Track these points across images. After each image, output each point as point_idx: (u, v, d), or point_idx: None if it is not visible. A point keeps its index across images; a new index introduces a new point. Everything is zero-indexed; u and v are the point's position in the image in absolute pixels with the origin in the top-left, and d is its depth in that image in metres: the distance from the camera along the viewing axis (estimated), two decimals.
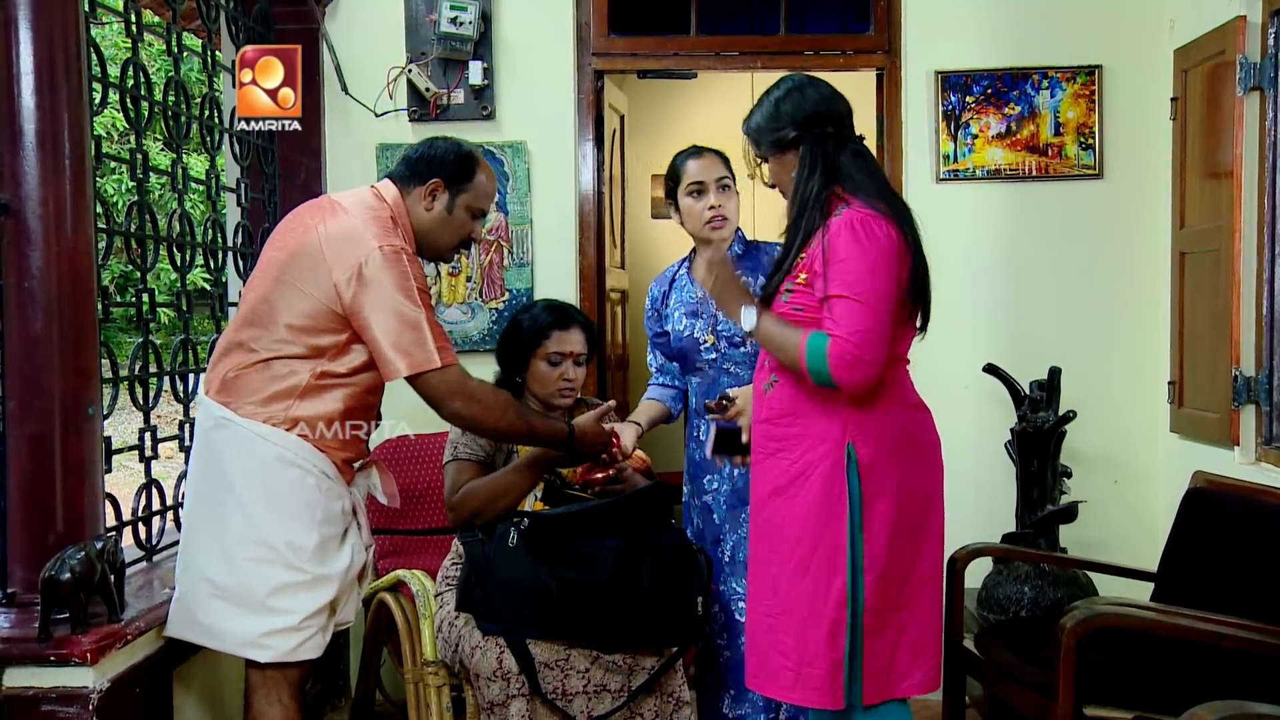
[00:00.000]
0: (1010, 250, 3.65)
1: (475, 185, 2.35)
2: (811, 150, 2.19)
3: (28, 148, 2.09)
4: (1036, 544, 3.24)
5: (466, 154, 2.36)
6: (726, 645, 2.70)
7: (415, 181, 2.32)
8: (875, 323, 2.05)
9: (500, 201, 3.62)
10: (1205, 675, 2.40)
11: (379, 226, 2.19)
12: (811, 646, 2.10)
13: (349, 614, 2.35)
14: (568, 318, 2.76)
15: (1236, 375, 3.07)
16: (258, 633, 2.15)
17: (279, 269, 2.19)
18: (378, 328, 2.13)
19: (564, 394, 2.72)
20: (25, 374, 2.10)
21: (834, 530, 2.10)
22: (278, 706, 2.21)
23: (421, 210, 2.32)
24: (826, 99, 2.23)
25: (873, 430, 2.12)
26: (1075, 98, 3.62)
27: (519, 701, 2.39)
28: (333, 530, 2.23)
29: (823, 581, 2.10)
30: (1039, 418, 3.28)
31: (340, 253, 2.14)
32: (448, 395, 2.20)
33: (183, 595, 2.22)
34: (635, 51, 3.78)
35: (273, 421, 2.15)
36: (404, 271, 2.15)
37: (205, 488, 2.21)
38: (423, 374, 2.16)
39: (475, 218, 2.38)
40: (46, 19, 2.11)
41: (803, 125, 2.20)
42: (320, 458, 2.19)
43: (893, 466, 2.13)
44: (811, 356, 2.06)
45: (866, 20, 3.79)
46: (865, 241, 2.07)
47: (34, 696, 2.04)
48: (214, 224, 3.15)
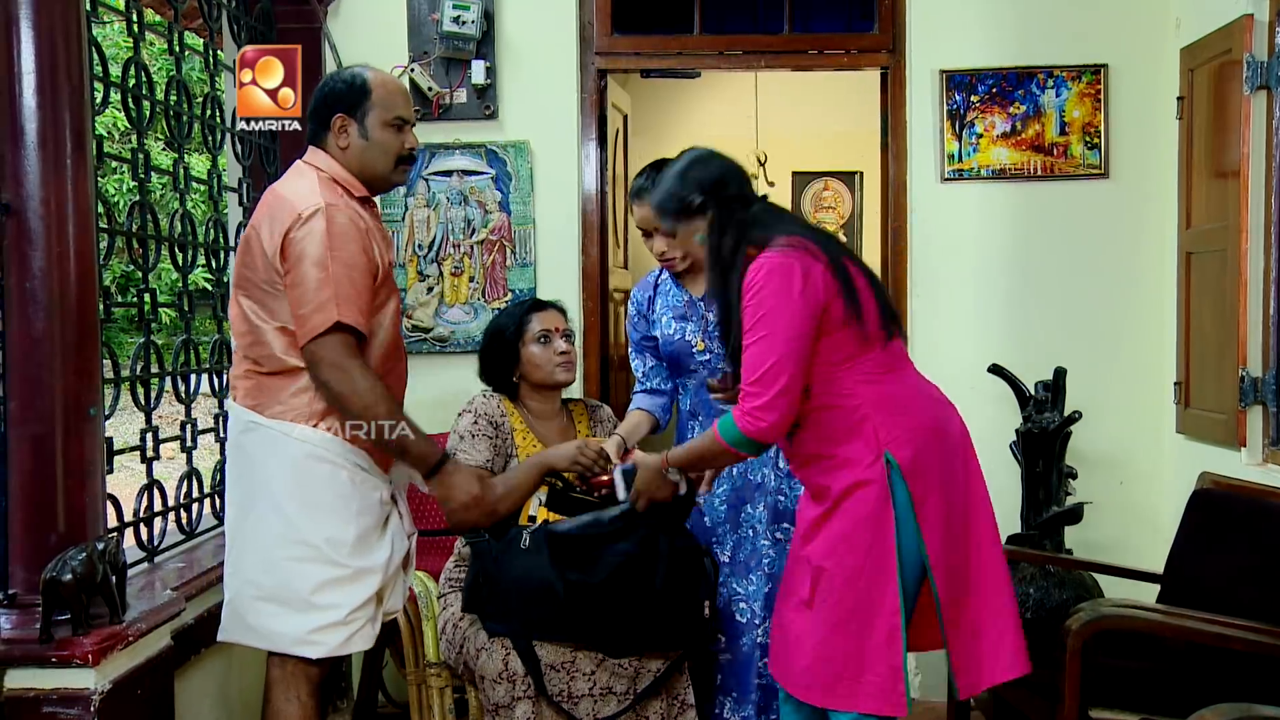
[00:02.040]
0: (1015, 250, 3.64)
1: (375, 99, 2.25)
2: (719, 213, 2.25)
3: (29, 147, 2.08)
4: (1042, 545, 3.23)
5: (351, 76, 2.28)
6: (725, 648, 2.69)
7: (323, 129, 2.27)
8: (775, 359, 2.08)
9: (503, 201, 3.61)
10: (1212, 677, 2.39)
11: (307, 190, 2.15)
12: (869, 654, 2.10)
13: (397, 602, 2.34)
14: (540, 302, 2.87)
15: (1243, 376, 3.06)
16: (306, 630, 2.15)
17: (236, 276, 2.21)
18: (293, 288, 2.11)
19: (563, 367, 2.77)
20: (27, 374, 2.09)
21: (882, 537, 2.10)
22: (296, 704, 2.20)
23: (340, 151, 2.25)
24: (728, 166, 2.32)
25: (904, 432, 2.13)
26: (1081, 97, 3.60)
27: (524, 704, 2.39)
28: (371, 521, 2.21)
29: (876, 589, 2.10)
30: (1044, 418, 3.27)
31: (271, 229, 2.14)
32: (325, 362, 2.09)
33: (232, 599, 2.22)
34: (639, 50, 3.77)
35: (298, 419, 2.15)
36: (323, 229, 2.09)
37: (242, 492, 2.22)
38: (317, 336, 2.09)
39: (399, 128, 2.28)
40: (48, 18, 2.09)
41: (709, 190, 2.27)
42: (352, 450, 2.18)
43: (934, 462, 2.14)
44: (726, 433, 2.15)
45: (871, 19, 3.78)
46: (763, 281, 2.12)
47: (35, 698, 2.03)
48: (216, 224, 3.15)
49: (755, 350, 2.11)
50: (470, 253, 3.62)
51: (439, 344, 3.61)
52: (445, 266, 3.62)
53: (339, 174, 2.24)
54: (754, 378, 2.10)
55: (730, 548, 2.70)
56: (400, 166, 2.31)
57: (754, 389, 2.10)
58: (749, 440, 2.13)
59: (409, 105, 2.33)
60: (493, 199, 3.61)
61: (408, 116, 2.31)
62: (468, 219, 3.62)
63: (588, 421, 2.88)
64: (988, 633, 2.16)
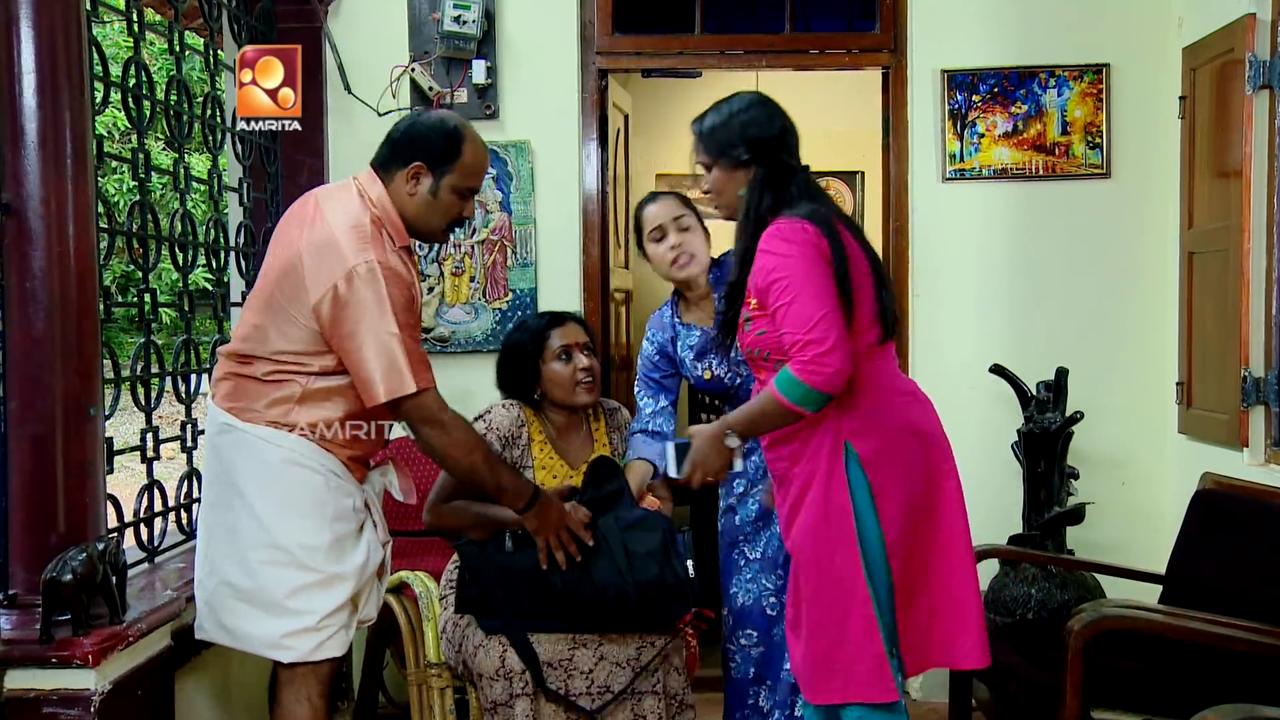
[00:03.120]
0: (1017, 250, 3.63)
1: (461, 165, 2.22)
2: (764, 173, 2.22)
3: (29, 147, 2.08)
4: (1043, 546, 3.23)
5: (451, 130, 2.22)
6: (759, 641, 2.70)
7: (398, 164, 2.21)
8: (824, 311, 2.06)
9: (503, 201, 3.60)
10: (1214, 678, 2.39)
11: (357, 238, 2.10)
12: (850, 646, 2.12)
13: (371, 610, 2.34)
14: (560, 315, 2.78)
15: (1245, 376, 3.05)
16: (278, 634, 2.14)
17: (269, 292, 2.17)
18: (354, 352, 2.09)
19: (585, 386, 2.69)
20: (27, 374, 2.09)
21: (843, 529, 2.13)
22: (305, 705, 2.20)
23: (405, 195, 2.21)
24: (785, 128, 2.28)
25: (867, 425, 2.15)
26: (1083, 96, 3.60)
27: (523, 700, 2.38)
28: (346, 527, 2.21)
29: (846, 581, 2.12)
30: (1046, 419, 3.27)
31: (318, 272, 2.09)
32: (420, 422, 2.15)
33: (208, 598, 2.22)
34: (639, 50, 3.76)
35: (275, 425, 2.14)
36: (379, 291, 2.07)
37: (217, 493, 2.21)
38: (399, 399, 2.11)
39: (464, 198, 2.26)
40: (48, 17, 2.09)
41: (760, 148, 2.24)
42: (327, 456, 2.18)
43: (896, 456, 2.16)
44: (787, 390, 2.09)
45: (872, 19, 3.78)
46: (784, 245, 2.10)
47: (35, 699, 2.03)
48: (216, 224, 3.14)
49: (800, 305, 2.07)
50: (471, 253, 3.61)
51: (440, 344, 3.60)
52: (446, 266, 3.61)
53: (390, 217, 2.20)
54: (807, 329, 2.05)
55: (761, 544, 2.70)
56: (450, 229, 2.30)
57: (812, 337, 2.05)
58: (812, 392, 2.06)
59: (483, 177, 2.31)
60: (493, 199, 3.61)
61: (478, 188, 2.30)
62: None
63: (605, 425, 2.84)
64: (944, 619, 2.18)
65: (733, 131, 2.26)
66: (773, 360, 2.18)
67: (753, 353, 2.24)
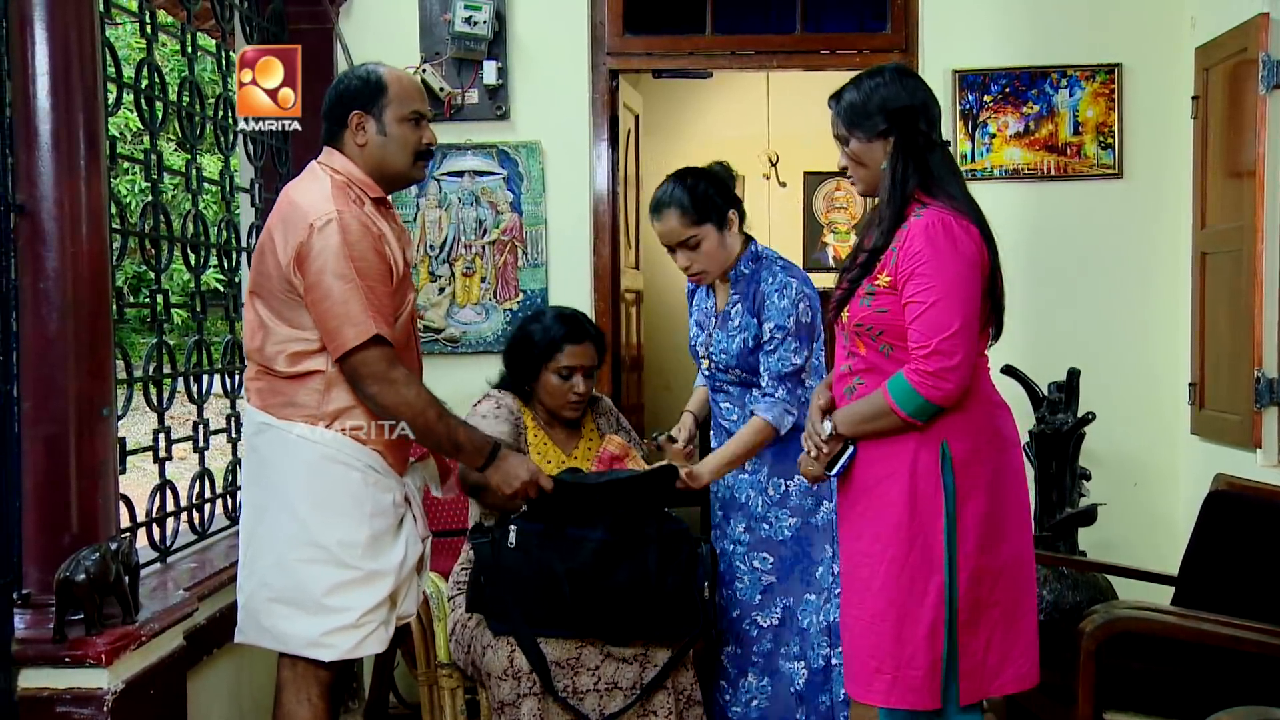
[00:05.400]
0: (1029, 251, 3.61)
1: (392, 95, 2.22)
2: (904, 144, 2.12)
3: (43, 148, 2.09)
4: (1055, 547, 3.22)
5: (365, 73, 2.25)
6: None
7: (339, 127, 2.23)
8: (960, 324, 2.00)
9: (514, 202, 3.61)
10: (1227, 680, 2.38)
11: (320, 197, 2.13)
12: (909, 647, 2.05)
13: (411, 606, 2.33)
14: (580, 331, 2.75)
15: (1259, 377, 3.04)
16: (318, 632, 2.14)
17: (254, 281, 2.19)
18: (318, 303, 2.09)
19: (573, 406, 2.75)
20: (40, 375, 2.10)
21: (930, 528, 2.05)
22: (307, 705, 2.20)
23: (358, 148, 2.22)
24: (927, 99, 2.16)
25: (966, 427, 2.08)
26: (1094, 96, 3.59)
27: (530, 701, 2.39)
28: (385, 524, 2.20)
29: (920, 580, 2.05)
30: (1058, 420, 3.26)
31: (284, 237, 2.12)
32: (368, 378, 2.10)
33: (246, 601, 2.22)
34: (650, 51, 3.77)
35: (311, 420, 2.14)
36: (341, 240, 2.07)
37: (256, 493, 2.22)
38: (347, 354, 2.09)
39: (416, 124, 2.25)
40: (62, 20, 2.10)
41: (898, 117, 2.12)
42: (365, 452, 2.17)
43: (985, 463, 2.09)
44: (904, 401, 2.02)
45: (883, 19, 3.77)
46: (945, 244, 2.03)
47: (49, 698, 2.04)
48: (228, 224, 3.16)
49: (938, 311, 2.00)
50: (482, 253, 3.62)
51: (450, 345, 3.61)
52: (457, 267, 3.62)
53: (355, 176, 2.22)
54: (939, 339, 1.99)
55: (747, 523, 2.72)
56: (419, 162, 2.29)
57: (941, 349, 1.98)
58: (929, 405, 2.01)
59: (425, 100, 2.32)
60: (504, 199, 3.61)
61: (424, 111, 2.29)
62: (479, 219, 3.62)
63: (591, 414, 2.88)
64: (1000, 644, 2.09)
65: (870, 101, 2.16)
66: (880, 341, 2.10)
67: (862, 326, 2.13)
